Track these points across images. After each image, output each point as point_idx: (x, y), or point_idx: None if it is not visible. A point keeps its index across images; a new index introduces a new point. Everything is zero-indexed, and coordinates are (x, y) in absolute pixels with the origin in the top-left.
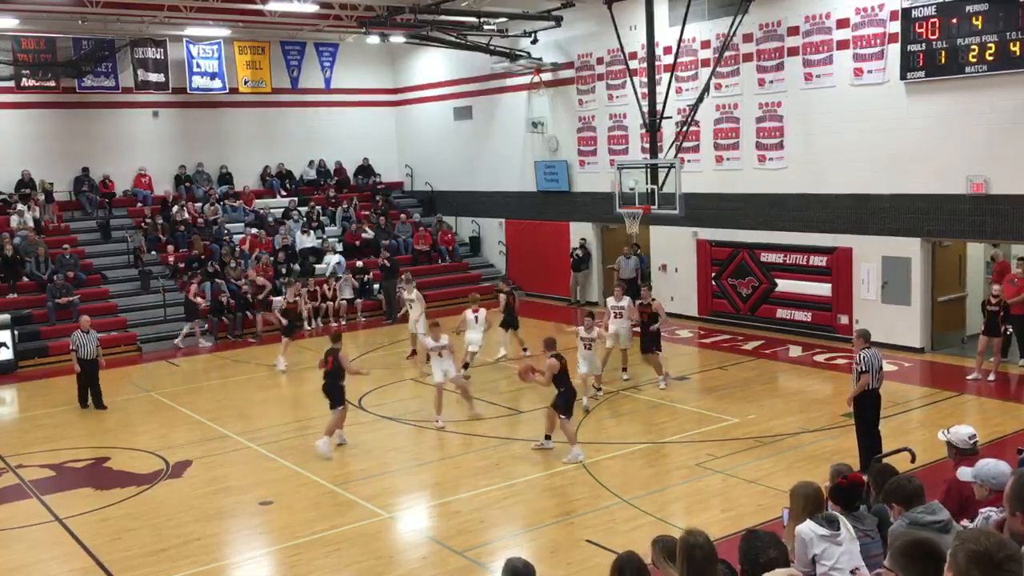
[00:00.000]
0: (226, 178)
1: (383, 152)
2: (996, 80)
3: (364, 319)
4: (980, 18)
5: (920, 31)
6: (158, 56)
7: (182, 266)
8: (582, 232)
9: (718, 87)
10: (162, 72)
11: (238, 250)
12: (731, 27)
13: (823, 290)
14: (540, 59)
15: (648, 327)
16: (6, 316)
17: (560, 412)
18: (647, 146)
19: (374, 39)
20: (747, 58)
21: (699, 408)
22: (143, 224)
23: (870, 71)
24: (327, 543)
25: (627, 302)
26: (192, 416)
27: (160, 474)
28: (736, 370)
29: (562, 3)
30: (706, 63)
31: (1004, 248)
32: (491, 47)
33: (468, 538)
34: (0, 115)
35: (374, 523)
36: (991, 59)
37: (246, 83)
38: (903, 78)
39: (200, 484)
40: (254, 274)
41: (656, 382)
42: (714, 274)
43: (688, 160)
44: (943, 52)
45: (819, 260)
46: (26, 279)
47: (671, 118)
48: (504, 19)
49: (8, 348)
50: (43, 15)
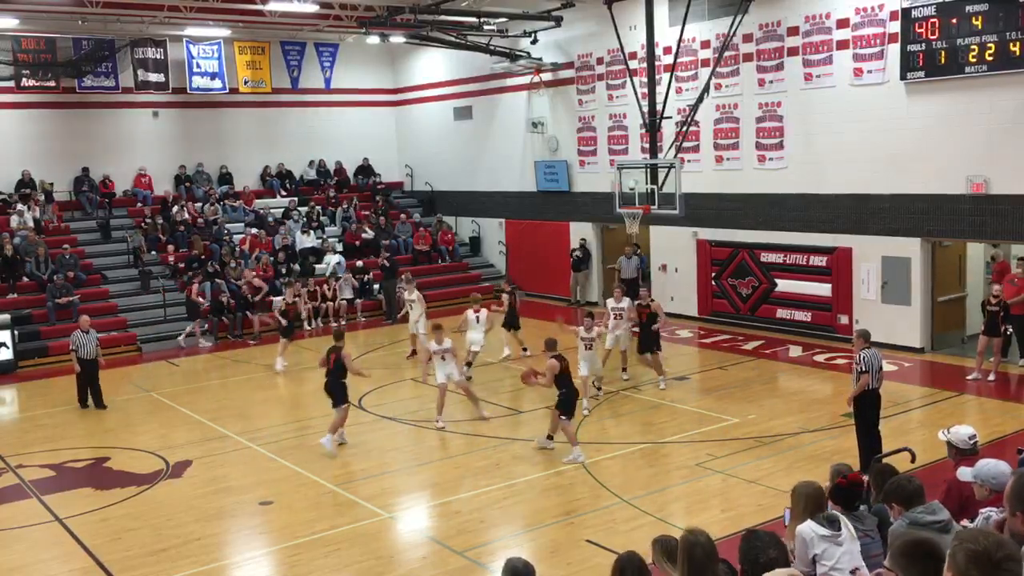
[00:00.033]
0: (226, 178)
1: (383, 152)
2: (996, 80)
3: (364, 319)
4: (980, 18)
5: (920, 31)
6: (158, 56)
7: (182, 266)
8: (582, 232)
9: (718, 87)
10: (162, 72)
11: (238, 250)
12: (731, 27)
13: (823, 290)
14: (540, 59)
15: (647, 327)
16: (6, 316)
17: (561, 413)
18: (647, 146)
19: (374, 39)
20: (747, 58)
21: (699, 408)
22: (143, 224)
23: (870, 71)
24: (327, 543)
25: (627, 303)
26: (192, 416)
27: (160, 474)
28: (736, 370)
29: (562, 3)
30: (706, 63)
31: (1004, 248)
32: (491, 47)
33: (468, 538)
34: (0, 115)
35: (374, 523)
36: (991, 59)
37: (246, 83)
38: (903, 78)
39: (200, 484)
40: (250, 275)
41: (656, 382)
42: (714, 274)
43: (688, 160)
44: (943, 52)
45: (819, 260)
46: (26, 279)
47: (671, 118)
48: (504, 19)
49: (8, 348)
50: (43, 15)
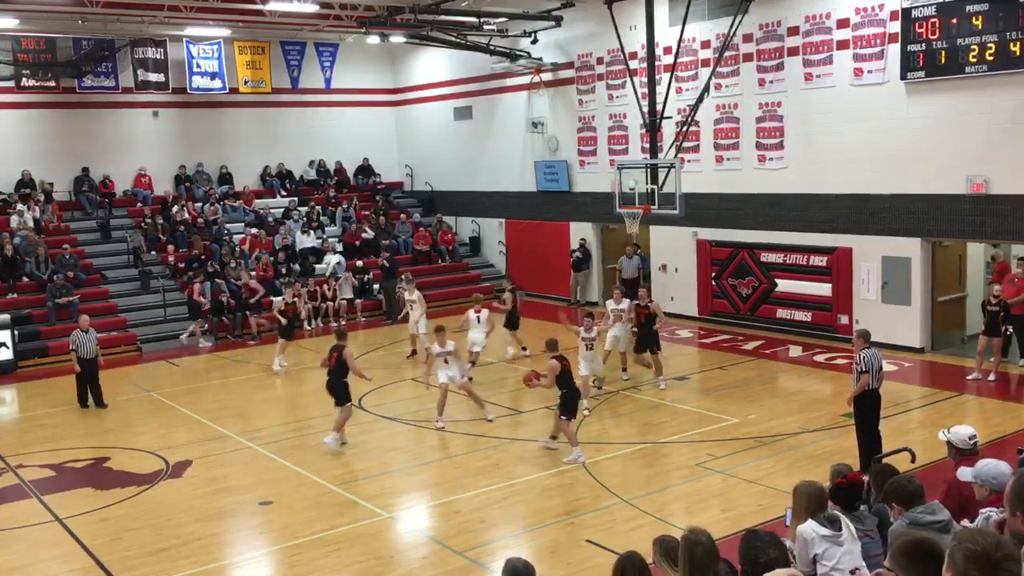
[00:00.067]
0: (226, 178)
1: (383, 152)
2: (996, 80)
3: (364, 319)
4: (980, 18)
5: (920, 31)
6: (158, 56)
7: (182, 266)
8: (582, 232)
9: (718, 87)
10: (162, 72)
11: (238, 250)
12: (731, 27)
13: (823, 290)
14: (540, 59)
15: (646, 328)
16: (6, 316)
17: (561, 413)
18: (647, 146)
19: (374, 39)
20: (747, 58)
21: (699, 408)
22: (143, 224)
23: (870, 71)
24: (327, 543)
25: (627, 305)
26: (192, 416)
27: (160, 474)
28: (736, 370)
29: (562, 3)
30: (706, 63)
31: (1004, 248)
32: (491, 47)
33: (468, 538)
34: (0, 115)
35: (374, 523)
36: (991, 59)
37: (246, 83)
38: (903, 78)
39: (200, 484)
40: (247, 277)
41: (656, 382)
42: (714, 274)
43: (688, 160)
44: (943, 52)
45: (819, 260)
46: (26, 279)
47: (671, 118)
48: (504, 19)
49: (8, 348)
50: (43, 15)
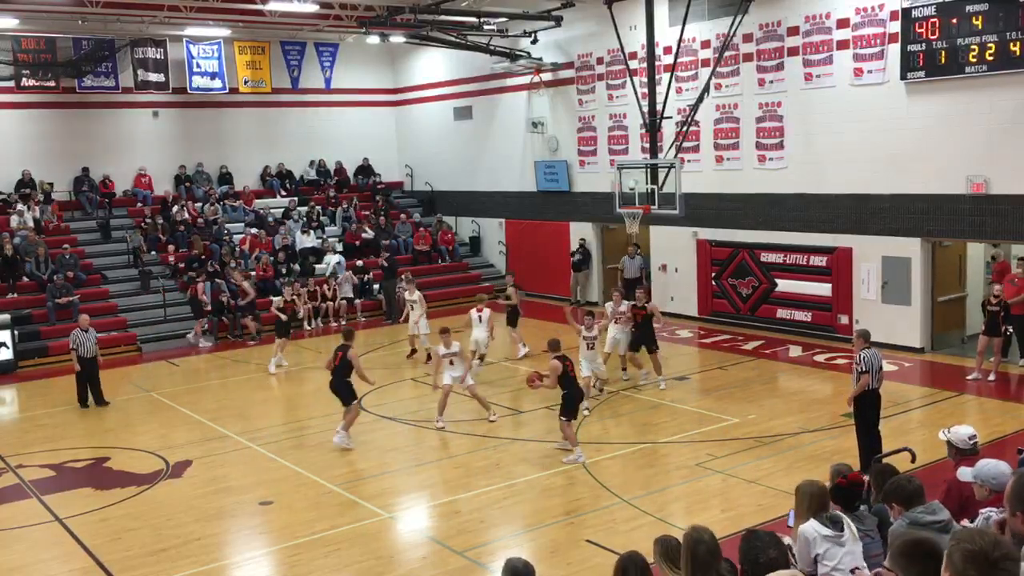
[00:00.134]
0: (226, 178)
1: (383, 152)
2: (996, 80)
3: (364, 319)
4: (980, 18)
5: (920, 31)
6: (158, 56)
7: (182, 266)
8: (582, 232)
9: (718, 87)
10: (162, 72)
11: (238, 250)
12: (731, 27)
13: (823, 290)
14: (540, 59)
15: (643, 327)
16: (6, 316)
17: (561, 414)
18: (647, 146)
19: (374, 39)
20: (747, 58)
21: (699, 408)
22: (143, 224)
23: (870, 71)
24: (327, 543)
25: (626, 307)
26: (192, 416)
27: (160, 474)
28: (736, 370)
29: (562, 3)
30: (706, 63)
31: (1004, 248)
32: (491, 47)
33: (468, 538)
34: (0, 115)
35: (374, 523)
36: (991, 59)
37: (246, 83)
38: (903, 78)
39: (200, 484)
40: (239, 278)
41: (656, 382)
42: (714, 274)
43: (688, 160)
44: (943, 52)
45: (819, 260)
46: (26, 279)
47: (671, 118)
48: (504, 19)
49: (8, 348)
50: (43, 15)
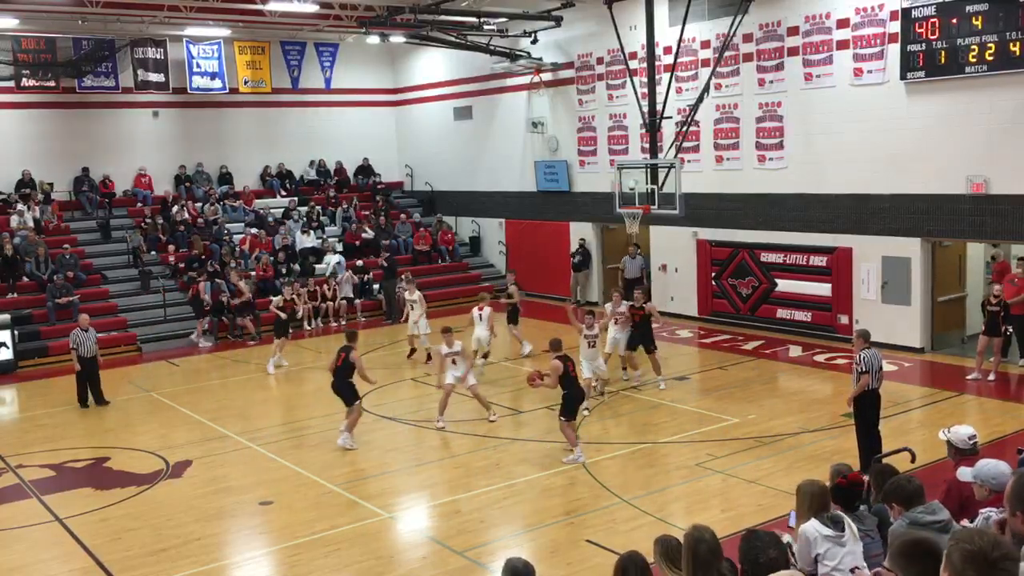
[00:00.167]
0: (226, 178)
1: (383, 152)
2: (996, 80)
3: (364, 319)
4: (980, 18)
5: (920, 31)
6: (158, 56)
7: (182, 266)
8: (582, 232)
9: (718, 87)
10: (162, 72)
11: (238, 250)
12: (731, 27)
13: (823, 290)
14: (540, 59)
15: (641, 327)
16: (6, 316)
17: (561, 414)
18: (647, 146)
19: (374, 39)
20: (747, 58)
21: (699, 408)
22: (143, 224)
23: (870, 71)
24: (327, 543)
25: (625, 308)
26: (192, 416)
27: (160, 474)
28: (736, 370)
29: (562, 3)
30: (706, 63)
31: (1004, 248)
32: (491, 47)
33: (468, 538)
34: (0, 115)
35: (374, 523)
36: (991, 59)
37: (246, 83)
38: (903, 78)
39: (200, 484)
40: (236, 278)
41: (656, 382)
42: (714, 274)
43: (688, 160)
44: (943, 52)
45: (819, 260)
46: (26, 279)
47: (671, 118)
48: (504, 19)
49: (8, 348)
50: (43, 15)
